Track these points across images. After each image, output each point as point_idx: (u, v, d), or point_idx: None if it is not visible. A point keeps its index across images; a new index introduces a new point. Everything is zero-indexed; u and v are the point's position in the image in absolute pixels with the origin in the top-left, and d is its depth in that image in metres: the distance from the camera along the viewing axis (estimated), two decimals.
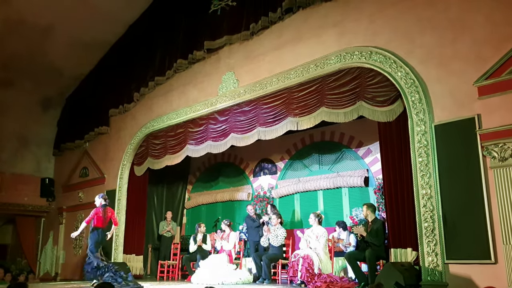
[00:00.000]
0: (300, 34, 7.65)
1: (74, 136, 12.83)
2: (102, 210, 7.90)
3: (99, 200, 8.06)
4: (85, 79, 13.01)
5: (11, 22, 10.56)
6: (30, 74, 12.28)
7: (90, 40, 11.56)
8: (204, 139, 9.26)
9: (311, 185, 9.47)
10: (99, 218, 7.86)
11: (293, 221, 9.82)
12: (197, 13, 9.65)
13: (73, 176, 12.93)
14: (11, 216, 13.87)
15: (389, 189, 6.43)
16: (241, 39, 8.63)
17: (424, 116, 5.87)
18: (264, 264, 7.84)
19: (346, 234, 7.97)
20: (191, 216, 12.08)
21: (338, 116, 7.00)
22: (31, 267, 13.32)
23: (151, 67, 10.54)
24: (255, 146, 9.22)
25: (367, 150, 8.94)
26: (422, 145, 5.83)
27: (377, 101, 6.53)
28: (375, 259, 6.45)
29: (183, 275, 9.88)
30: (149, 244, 11.06)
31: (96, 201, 8.12)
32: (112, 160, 11.32)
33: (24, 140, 13.34)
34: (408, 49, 6.24)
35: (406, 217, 6.11)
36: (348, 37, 6.94)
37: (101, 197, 8.10)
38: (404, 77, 6.13)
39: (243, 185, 11.07)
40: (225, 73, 8.87)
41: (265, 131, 8.11)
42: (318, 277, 6.83)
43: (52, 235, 13.36)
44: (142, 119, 10.70)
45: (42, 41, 11.30)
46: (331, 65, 6.99)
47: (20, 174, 13.37)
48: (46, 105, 13.48)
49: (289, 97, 7.69)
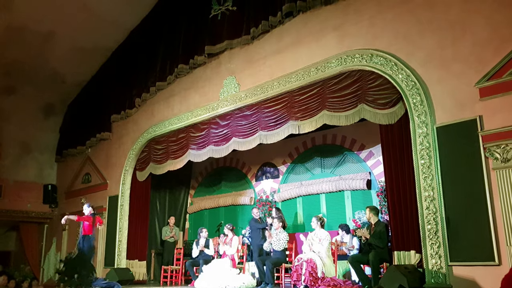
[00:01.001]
0: (300, 37, 7.67)
1: (76, 142, 12.88)
2: (92, 219, 8.23)
3: (88, 209, 8.41)
4: (87, 85, 13.08)
5: (13, 29, 10.61)
6: (32, 81, 12.37)
7: (92, 46, 11.62)
8: (206, 143, 9.26)
9: (313, 189, 9.46)
10: (90, 226, 8.16)
11: (295, 225, 9.80)
12: (197, 18, 9.69)
13: (76, 182, 12.97)
14: (14, 222, 13.92)
15: (391, 191, 6.41)
16: (241, 43, 8.66)
17: (426, 118, 5.86)
18: (267, 269, 7.80)
19: (349, 237, 7.95)
20: (194, 221, 12.07)
21: (339, 119, 7.00)
22: (34, 274, 13.31)
23: (152, 72, 10.57)
24: (256, 150, 9.23)
25: (369, 153, 8.93)
26: (424, 147, 5.82)
27: (379, 104, 6.53)
28: (379, 262, 6.42)
29: (186, 280, 9.84)
30: (152, 249, 11.04)
31: (85, 210, 8.42)
32: (114, 166, 11.33)
33: (26, 146, 13.39)
34: (409, 52, 6.24)
35: (409, 219, 6.09)
36: (348, 40, 6.96)
37: (89, 207, 8.47)
38: (405, 80, 6.13)
39: (246, 189, 11.07)
40: (226, 78, 8.89)
41: (266, 135, 8.11)
42: (321, 281, 6.81)
43: (55, 242, 13.37)
44: (144, 124, 10.72)
45: (43, 48, 11.37)
46: (332, 68, 7.00)
47: (23, 181, 13.42)
48: (48, 111, 13.54)
49: (290, 101, 7.70)
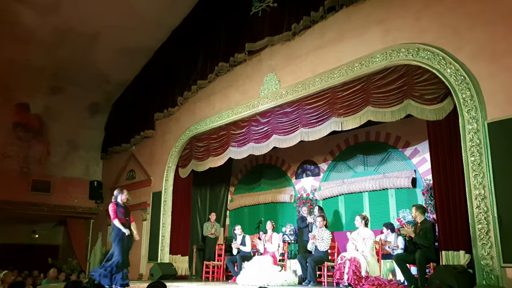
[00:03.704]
0: (343, 32, 7.55)
1: (121, 140, 13.22)
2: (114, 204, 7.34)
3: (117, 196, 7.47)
4: (130, 85, 13.39)
5: (60, 31, 11.01)
6: (78, 81, 12.79)
7: (135, 46, 11.89)
8: (246, 141, 9.29)
9: (356, 187, 9.32)
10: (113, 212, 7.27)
11: (337, 224, 9.69)
12: (238, 16, 9.72)
13: (120, 179, 13.32)
14: (62, 217, 14.49)
15: (439, 190, 6.22)
16: (282, 39, 8.61)
17: (476, 114, 5.65)
18: (310, 266, 7.76)
19: (393, 236, 7.78)
20: (234, 217, 12.16)
21: (385, 115, 6.85)
22: (81, 267, 13.80)
23: (193, 71, 10.71)
24: (297, 148, 9.15)
25: (414, 150, 8.70)
26: (475, 144, 5.61)
27: (426, 99, 6.35)
28: (425, 261, 6.24)
29: (227, 276, 9.94)
30: (194, 245, 11.19)
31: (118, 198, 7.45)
32: (158, 163, 11.57)
33: (73, 144, 13.88)
34: (458, 45, 6.03)
35: (458, 218, 5.88)
36: (393, 35, 6.79)
37: (118, 193, 7.47)
38: (454, 74, 5.93)
39: (285, 187, 11.04)
40: (266, 75, 8.88)
41: (308, 132, 8.04)
42: (365, 280, 6.69)
43: (101, 236, 13.80)
44: (185, 122, 10.88)
45: (89, 49, 11.73)
46: (376, 63, 6.85)
47: (70, 177, 13.93)
48: (94, 110, 13.97)
49: (332, 97, 7.60)
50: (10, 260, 13.45)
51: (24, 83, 12.32)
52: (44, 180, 13.37)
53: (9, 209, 12.72)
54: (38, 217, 14.16)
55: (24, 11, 10.28)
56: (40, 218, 14.46)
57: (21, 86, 12.39)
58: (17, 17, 10.37)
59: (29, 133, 13.05)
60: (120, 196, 7.34)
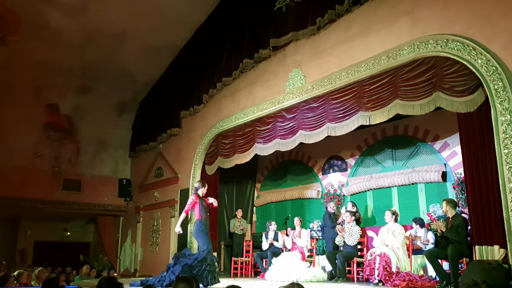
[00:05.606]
0: (369, 25, 7.43)
1: (148, 138, 13.39)
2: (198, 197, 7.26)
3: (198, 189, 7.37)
4: (157, 84, 13.54)
5: (87, 32, 11.21)
6: (105, 81, 12.98)
7: (160, 45, 12.00)
8: (272, 137, 9.27)
9: (384, 182, 9.20)
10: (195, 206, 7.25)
11: (366, 219, 9.57)
12: (262, 11, 9.69)
13: (149, 177, 13.51)
14: (92, 215, 14.78)
15: (471, 183, 6.08)
16: (307, 34, 8.54)
17: (509, 105, 5.48)
18: (339, 262, 7.71)
19: (423, 232, 7.63)
20: (261, 213, 12.17)
21: (413, 109, 6.72)
22: (112, 264, 14.07)
23: (218, 68, 10.74)
24: (323, 143, 9.09)
25: (444, 143, 8.52)
26: (508, 136, 5.45)
27: (456, 91, 6.20)
28: (458, 256, 6.10)
29: (255, 272, 9.97)
30: (222, 241, 11.27)
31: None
32: (185, 160, 11.67)
33: (102, 143, 14.12)
34: (489, 35, 5.85)
35: (491, 212, 5.74)
36: (421, 26, 6.65)
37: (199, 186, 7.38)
38: (485, 65, 5.76)
39: (312, 182, 10.99)
40: (291, 70, 8.82)
41: (334, 127, 7.97)
42: (396, 276, 6.60)
43: (130, 233, 14.04)
44: (211, 119, 10.93)
45: (115, 49, 11.89)
46: (404, 56, 6.72)
47: (99, 175, 14.17)
48: (121, 109, 14.18)
49: (359, 91, 7.50)
50: (43, 257, 13.85)
51: (54, 84, 12.58)
52: (74, 179, 13.63)
53: (42, 207, 13.03)
54: (69, 215, 14.48)
55: (52, 12, 10.49)
56: (71, 216, 14.80)
57: (51, 87, 12.66)
58: (45, 19, 10.59)
59: (59, 133, 13.33)
60: (202, 189, 7.28)
